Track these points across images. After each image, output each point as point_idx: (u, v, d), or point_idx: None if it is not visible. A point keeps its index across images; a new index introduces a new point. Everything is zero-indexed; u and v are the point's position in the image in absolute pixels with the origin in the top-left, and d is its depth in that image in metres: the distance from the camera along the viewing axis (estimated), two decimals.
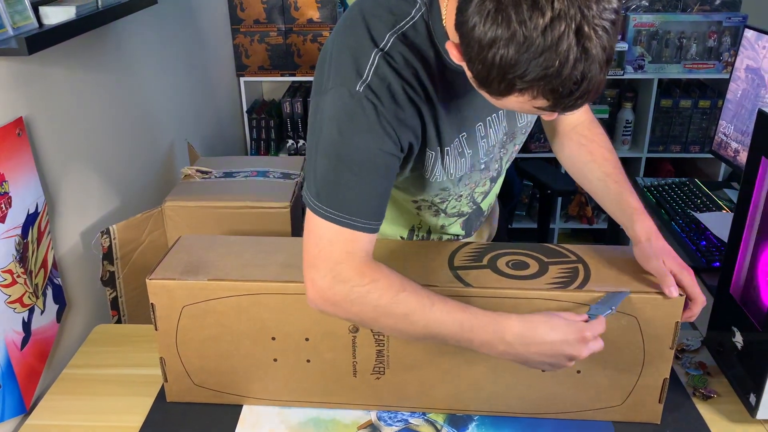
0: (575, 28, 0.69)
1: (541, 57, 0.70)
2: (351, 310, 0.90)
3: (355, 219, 0.89)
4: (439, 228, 1.20)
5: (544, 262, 1.04)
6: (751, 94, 1.68)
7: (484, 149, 1.05)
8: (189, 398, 1.10)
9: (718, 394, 1.10)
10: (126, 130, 1.65)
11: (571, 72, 0.71)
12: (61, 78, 1.34)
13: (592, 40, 0.70)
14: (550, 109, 0.77)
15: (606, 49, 0.72)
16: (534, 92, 0.74)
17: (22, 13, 1.16)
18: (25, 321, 1.16)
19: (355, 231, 0.89)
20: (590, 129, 1.15)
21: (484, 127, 1.03)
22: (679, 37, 2.61)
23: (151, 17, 1.78)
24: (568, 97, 0.74)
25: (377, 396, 1.07)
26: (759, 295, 1.05)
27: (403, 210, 1.18)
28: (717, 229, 1.57)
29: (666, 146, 2.80)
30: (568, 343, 0.88)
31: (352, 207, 0.88)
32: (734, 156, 1.74)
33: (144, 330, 1.27)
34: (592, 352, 0.89)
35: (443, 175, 1.03)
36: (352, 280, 0.88)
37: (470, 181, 1.10)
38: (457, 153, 1.02)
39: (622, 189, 1.07)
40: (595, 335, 0.89)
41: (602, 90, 0.78)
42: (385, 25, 0.90)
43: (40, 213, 1.22)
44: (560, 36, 0.69)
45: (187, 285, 1.01)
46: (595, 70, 0.72)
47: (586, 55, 0.70)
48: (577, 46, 0.70)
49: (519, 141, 1.13)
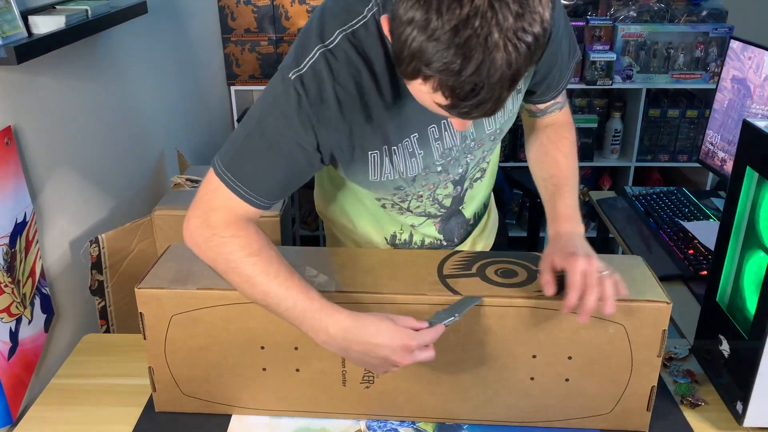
0: (486, 34, 0.68)
1: (447, 51, 0.70)
2: (208, 254, 0.95)
3: (246, 190, 0.94)
4: (410, 227, 1.20)
5: (532, 270, 1.05)
6: (737, 104, 1.70)
7: (439, 151, 1.04)
8: (178, 408, 1.09)
9: (706, 402, 1.11)
10: (116, 139, 1.65)
11: (470, 75, 0.70)
12: (50, 87, 1.34)
13: (499, 51, 0.69)
14: (448, 109, 0.76)
15: (512, 66, 0.71)
16: (435, 84, 0.74)
17: (12, 23, 1.16)
18: (12, 331, 1.16)
19: (242, 200, 0.95)
20: (558, 131, 1.16)
21: (438, 129, 1.02)
22: (667, 47, 2.64)
23: (141, 26, 1.79)
24: (464, 102, 0.74)
25: (366, 405, 1.07)
26: (745, 303, 1.06)
27: (378, 215, 1.20)
28: (704, 237, 1.58)
29: (654, 155, 2.83)
30: (392, 349, 0.89)
31: (246, 178, 0.94)
32: (721, 165, 1.76)
33: (133, 339, 1.27)
34: (417, 361, 0.90)
35: (394, 174, 1.03)
36: (217, 229, 0.94)
37: (427, 182, 1.09)
38: (408, 153, 1.02)
39: (558, 192, 1.09)
40: (422, 345, 0.89)
41: (500, 107, 0.76)
42: (337, 23, 0.92)
43: (28, 222, 1.21)
44: (470, 36, 0.68)
45: (176, 294, 1.01)
46: (494, 81, 0.71)
47: (490, 63, 0.70)
48: (484, 52, 0.69)
49: (489, 148, 1.12)
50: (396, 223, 1.20)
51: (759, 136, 1.00)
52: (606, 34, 2.65)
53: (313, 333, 0.92)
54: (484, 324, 0.99)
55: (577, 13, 2.77)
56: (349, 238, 1.29)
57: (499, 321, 0.99)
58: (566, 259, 0.95)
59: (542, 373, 1.02)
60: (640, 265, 1.06)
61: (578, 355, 1.00)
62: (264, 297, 0.93)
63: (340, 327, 0.90)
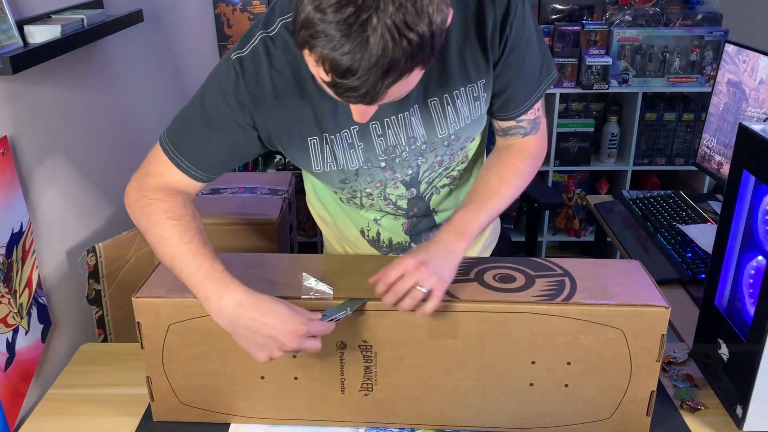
0: (366, 16, 0.70)
1: (329, 25, 0.71)
2: (134, 215, 1.02)
3: (184, 161, 1.01)
4: (374, 222, 1.20)
5: (530, 276, 1.04)
6: (732, 108, 1.70)
7: (382, 147, 1.05)
8: (176, 417, 1.09)
9: (706, 407, 1.10)
10: (112, 148, 1.65)
11: (347, 53, 0.72)
12: (46, 96, 1.33)
13: (375, 36, 0.71)
14: (329, 87, 0.78)
15: (387, 56, 0.72)
16: (317, 57, 0.75)
17: (7, 32, 1.16)
18: (9, 341, 1.15)
19: (179, 170, 1.01)
20: (511, 156, 1.10)
21: (381, 125, 1.03)
22: (663, 51, 2.64)
23: (137, 35, 1.79)
24: (341, 80, 0.75)
25: (365, 413, 1.07)
26: (743, 307, 1.06)
27: (345, 209, 1.21)
28: (702, 241, 1.58)
29: (651, 159, 2.83)
30: (281, 330, 0.90)
31: (185, 150, 1.01)
32: (717, 169, 1.76)
33: (130, 348, 1.26)
34: (303, 348, 0.92)
35: (335, 164, 1.05)
36: (147, 191, 1.01)
37: (372, 179, 1.09)
38: (347, 144, 1.03)
39: (467, 205, 1.05)
40: (312, 333, 0.91)
41: (379, 97, 0.77)
42: (281, 13, 0.97)
43: (24, 232, 1.21)
44: (350, 15, 0.70)
45: (173, 303, 1.00)
46: (368, 65, 0.72)
47: (366, 46, 0.71)
48: (361, 33, 0.71)
49: (442, 153, 1.09)
50: (362, 218, 1.21)
51: (755, 140, 1.00)
52: (602, 39, 2.66)
53: (206, 301, 0.93)
54: (483, 330, 0.99)
55: (572, 18, 2.78)
56: (332, 234, 1.30)
57: (497, 327, 0.99)
58: (393, 267, 0.95)
59: (541, 379, 1.02)
60: (638, 270, 1.06)
61: (577, 361, 1.00)
62: (171, 259, 0.96)
63: (233, 299, 0.91)
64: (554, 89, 2.69)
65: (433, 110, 1.03)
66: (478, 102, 1.04)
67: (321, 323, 0.93)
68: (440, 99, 1.02)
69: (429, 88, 1.00)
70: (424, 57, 0.76)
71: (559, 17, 2.78)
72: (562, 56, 2.68)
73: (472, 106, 1.04)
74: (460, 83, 1.01)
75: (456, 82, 1.01)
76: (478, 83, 1.02)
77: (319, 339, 0.93)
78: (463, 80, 1.01)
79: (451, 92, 1.01)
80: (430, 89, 1.01)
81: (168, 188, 1.01)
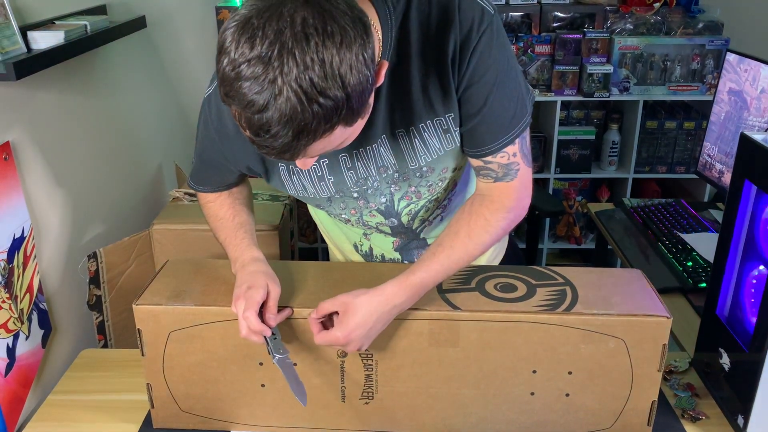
0: (272, 78, 0.69)
1: (243, 83, 0.71)
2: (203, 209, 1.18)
3: (192, 182, 1.17)
4: (364, 236, 1.20)
5: (531, 285, 1.04)
6: (734, 116, 1.71)
7: (353, 180, 1.04)
8: (176, 424, 1.09)
9: (707, 416, 1.10)
10: (114, 153, 1.65)
11: (258, 113, 0.71)
12: (48, 102, 1.34)
13: (281, 98, 0.70)
14: (252, 143, 0.77)
15: (296, 117, 0.71)
16: (235, 114, 0.75)
17: (11, 38, 1.16)
18: (9, 347, 1.15)
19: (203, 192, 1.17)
20: (482, 207, 1.01)
21: (349, 158, 1.01)
22: (664, 59, 2.65)
23: (140, 41, 1.79)
24: (257, 138, 0.74)
25: (366, 421, 1.07)
26: (744, 316, 1.06)
27: (337, 225, 1.21)
28: (703, 249, 1.58)
29: (652, 167, 2.83)
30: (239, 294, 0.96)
31: (198, 180, 1.15)
32: (719, 177, 1.76)
33: (130, 355, 1.26)
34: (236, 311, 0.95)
35: (305, 192, 1.08)
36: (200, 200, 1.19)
37: (346, 206, 1.09)
38: (316, 177, 1.04)
39: (430, 258, 0.98)
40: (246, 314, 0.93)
41: (299, 155, 0.77)
42: None
43: (26, 237, 1.21)
44: (259, 74, 0.70)
45: (173, 310, 1.00)
46: (277, 127, 0.71)
47: (274, 107, 0.70)
48: (270, 94, 0.70)
49: (416, 183, 1.05)
50: (354, 233, 1.21)
51: (757, 150, 1.00)
52: (603, 47, 2.67)
53: (232, 263, 1.06)
54: (484, 339, 0.99)
55: (574, 26, 2.79)
56: (333, 244, 1.31)
57: (498, 336, 0.99)
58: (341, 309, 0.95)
59: (542, 389, 1.02)
60: (639, 279, 1.06)
61: (578, 370, 1.00)
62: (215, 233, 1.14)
63: (250, 255, 1.04)
64: (555, 97, 2.69)
65: (401, 141, 0.99)
66: (449, 134, 0.98)
67: (246, 319, 0.93)
68: (407, 131, 0.98)
69: (394, 119, 0.97)
70: (343, 117, 0.74)
71: (560, 25, 2.79)
72: (563, 64, 2.68)
73: (443, 138, 0.99)
74: (425, 116, 0.96)
75: (421, 116, 0.96)
76: (446, 117, 0.96)
77: (248, 332, 0.94)
78: (429, 113, 0.96)
79: (416, 125, 0.97)
80: (395, 121, 0.97)
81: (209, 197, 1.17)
